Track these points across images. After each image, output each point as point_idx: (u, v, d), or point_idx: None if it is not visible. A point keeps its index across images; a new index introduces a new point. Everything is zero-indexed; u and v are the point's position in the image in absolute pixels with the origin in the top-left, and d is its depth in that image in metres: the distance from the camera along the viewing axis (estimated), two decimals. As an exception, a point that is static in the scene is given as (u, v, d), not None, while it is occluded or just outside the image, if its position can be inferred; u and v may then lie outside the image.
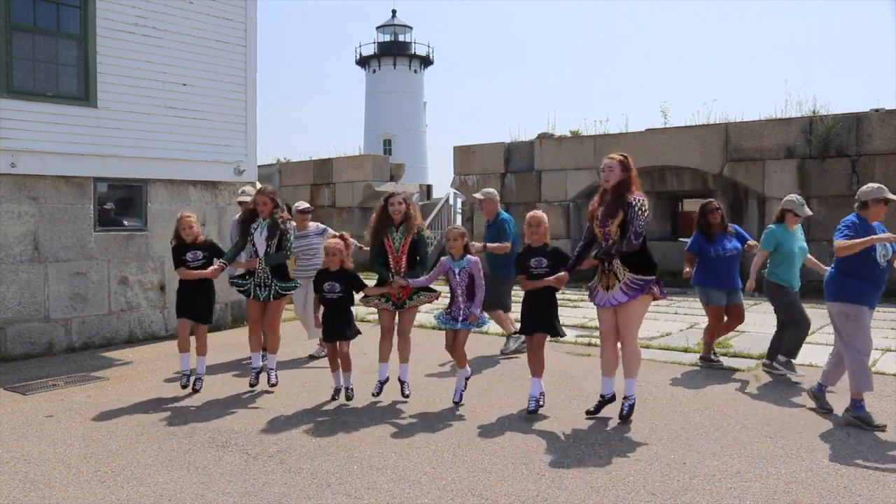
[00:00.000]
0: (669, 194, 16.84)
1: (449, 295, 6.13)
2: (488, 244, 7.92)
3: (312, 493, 4.25)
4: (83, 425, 5.62)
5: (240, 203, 8.07)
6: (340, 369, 6.23)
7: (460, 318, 6.00)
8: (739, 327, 9.37)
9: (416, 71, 42.51)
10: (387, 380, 6.26)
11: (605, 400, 5.74)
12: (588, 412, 5.72)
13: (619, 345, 5.66)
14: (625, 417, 5.55)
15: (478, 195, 8.57)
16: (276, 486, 4.36)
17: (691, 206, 17.50)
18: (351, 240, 6.45)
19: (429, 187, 23.65)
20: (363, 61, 42.87)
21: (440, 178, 79.88)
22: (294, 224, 6.74)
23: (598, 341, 8.54)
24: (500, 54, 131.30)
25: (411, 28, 42.70)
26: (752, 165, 14.28)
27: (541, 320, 5.76)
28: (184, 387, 6.66)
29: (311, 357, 8.22)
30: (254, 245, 6.56)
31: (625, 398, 5.62)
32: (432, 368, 7.52)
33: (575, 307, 11.42)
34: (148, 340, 9.44)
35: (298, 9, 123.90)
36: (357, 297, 6.31)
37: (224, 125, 10.23)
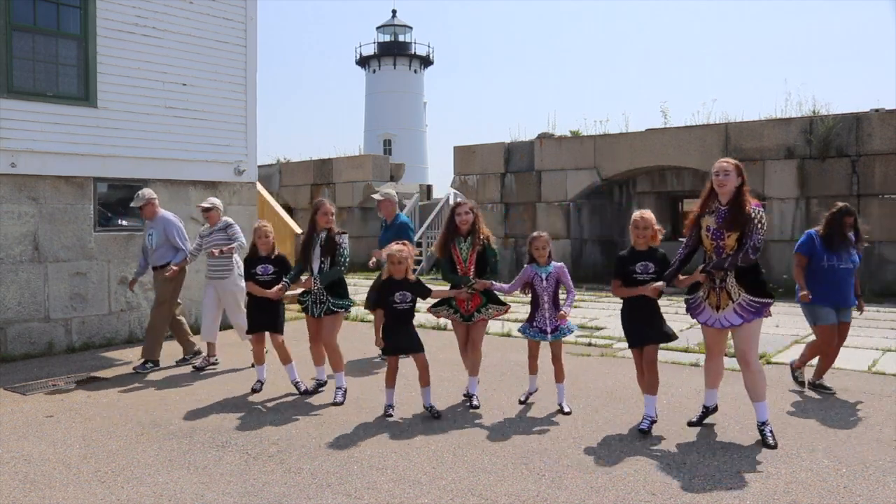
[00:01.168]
0: (669, 194, 16.85)
1: (530, 305, 5.94)
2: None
3: (312, 493, 4.25)
4: (83, 425, 5.62)
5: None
6: (392, 387, 5.91)
7: (549, 329, 5.81)
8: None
9: (416, 71, 42.50)
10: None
11: (709, 411, 5.49)
12: (690, 423, 5.45)
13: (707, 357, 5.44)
14: (770, 446, 4.94)
15: (376, 196, 8.35)
16: (276, 486, 4.36)
17: (691, 206, 17.51)
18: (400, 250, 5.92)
19: (429, 187, 23.65)
20: (363, 61, 42.86)
21: (440, 178, 79.98)
22: (346, 237, 6.54)
23: (598, 341, 8.55)
24: (500, 54, 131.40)
25: (411, 28, 42.70)
26: (752, 165, 14.27)
27: (654, 330, 5.38)
28: (254, 391, 6.65)
29: (193, 366, 7.80)
30: (310, 262, 6.40)
31: (763, 423, 5.06)
32: (432, 369, 7.50)
33: (575, 307, 11.41)
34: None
35: (298, 9, 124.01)
36: (422, 303, 6.04)
37: (224, 125, 10.23)
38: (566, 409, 5.83)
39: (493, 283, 5.88)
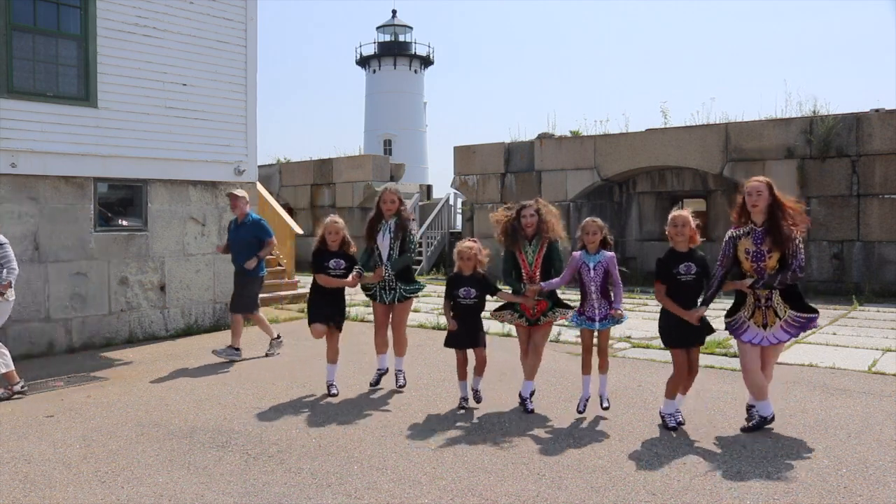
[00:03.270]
0: (669, 194, 16.85)
1: (580, 293, 5.77)
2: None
3: (312, 493, 4.25)
4: (83, 425, 5.62)
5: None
6: (471, 375, 6.00)
7: (598, 318, 5.65)
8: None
9: (416, 71, 42.49)
10: (532, 392, 5.99)
11: (767, 420, 5.32)
12: (744, 430, 5.33)
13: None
14: (751, 429, 5.25)
15: (233, 192, 8.34)
16: (276, 486, 4.36)
17: (691, 206, 17.53)
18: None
19: (429, 187, 23.66)
20: (363, 61, 42.86)
21: (440, 178, 79.81)
22: (416, 223, 6.52)
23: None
24: (500, 54, 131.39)
25: (411, 28, 42.68)
26: (753, 165, 14.27)
27: (698, 329, 5.32)
28: (331, 395, 6.47)
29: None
30: (378, 248, 6.37)
31: (763, 418, 5.27)
32: (433, 369, 7.52)
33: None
34: (148, 340, 9.44)
35: (298, 9, 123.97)
36: (486, 307, 6.02)
37: (224, 125, 10.23)
38: (605, 404, 5.73)
39: (542, 285, 5.67)
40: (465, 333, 5.88)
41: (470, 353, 6.00)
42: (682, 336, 5.34)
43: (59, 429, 5.53)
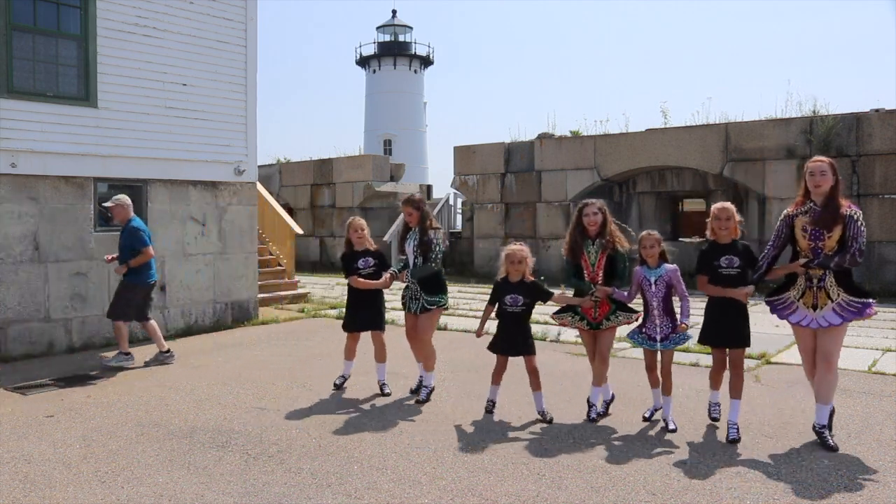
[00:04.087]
0: (669, 194, 16.86)
1: (642, 308, 5.51)
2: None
3: (312, 493, 4.25)
4: (83, 425, 5.62)
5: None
6: (497, 384, 5.79)
7: (659, 337, 5.37)
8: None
9: (416, 71, 42.51)
10: (612, 398, 5.73)
11: (823, 428, 4.98)
12: (828, 444, 4.93)
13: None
14: (830, 448, 4.84)
15: (108, 203, 8.03)
16: (276, 486, 4.36)
17: (691, 205, 17.53)
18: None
19: (429, 187, 23.66)
20: (363, 61, 42.88)
21: (440, 178, 79.86)
22: (439, 233, 6.32)
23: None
24: (500, 54, 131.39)
25: (411, 28, 42.72)
26: (753, 165, 14.28)
27: (739, 332, 5.15)
28: (336, 387, 6.60)
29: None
30: (405, 256, 6.34)
31: (823, 427, 4.94)
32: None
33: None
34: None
35: (298, 9, 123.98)
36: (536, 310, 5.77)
37: (224, 125, 10.23)
38: (671, 426, 5.33)
39: (616, 290, 5.48)
40: (510, 340, 5.64)
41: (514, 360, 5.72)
42: (724, 336, 5.19)
43: (59, 429, 5.53)
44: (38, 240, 8.62)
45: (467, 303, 12.50)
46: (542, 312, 10.17)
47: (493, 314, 5.79)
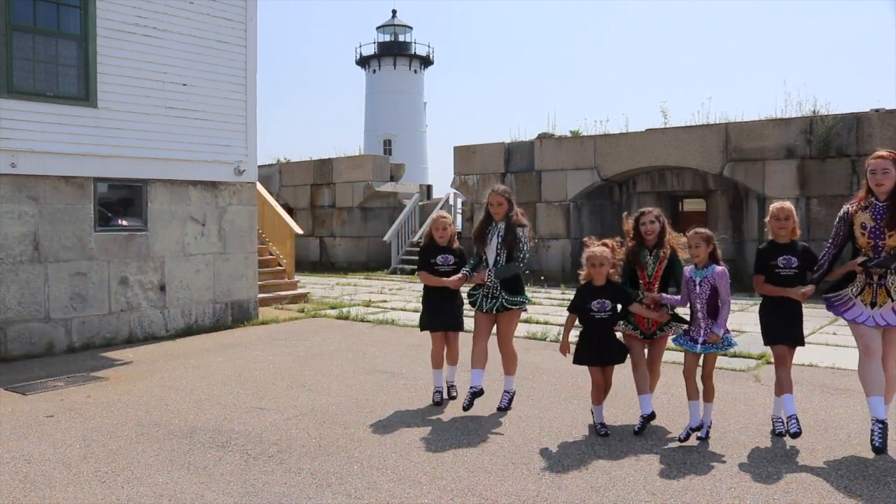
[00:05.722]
0: (669, 194, 16.86)
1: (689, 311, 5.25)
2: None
3: (312, 493, 4.25)
4: (83, 425, 5.62)
5: None
6: (598, 403, 5.37)
7: (700, 341, 5.08)
8: (738, 327, 9.38)
9: (416, 71, 42.52)
10: (651, 415, 5.27)
11: (885, 426, 4.77)
12: (877, 449, 4.73)
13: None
14: (879, 449, 4.66)
15: None
16: (276, 486, 4.36)
17: (691, 205, 17.54)
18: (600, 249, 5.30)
19: (429, 187, 23.65)
20: (363, 61, 42.88)
21: (440, 178, 79.84)
22: (527, 230, 6.01)
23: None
24: (500, 54, 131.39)
25: (411, 28, 42.73)
26: (753, 165, 14.28)
27: (796, 330, 5.03)
28: (436, 403, 6.12)
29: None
30: (486, 254, 5.96)
31: (880, 422, 4.72)
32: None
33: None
34: (148, 340, 9.45)
35: (298, 9, 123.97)
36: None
37: (224, 125, 10.24)
38: (702, 433, 5.09)
39: (664, 295, 5.29)
40: (603, 348, 5.26)
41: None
42: (779, 334, 5.05)
43: (59, 429, 5.53)
44: (38, 240, 8.62)
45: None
46: (542, 312, 10.17)
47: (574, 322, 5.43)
